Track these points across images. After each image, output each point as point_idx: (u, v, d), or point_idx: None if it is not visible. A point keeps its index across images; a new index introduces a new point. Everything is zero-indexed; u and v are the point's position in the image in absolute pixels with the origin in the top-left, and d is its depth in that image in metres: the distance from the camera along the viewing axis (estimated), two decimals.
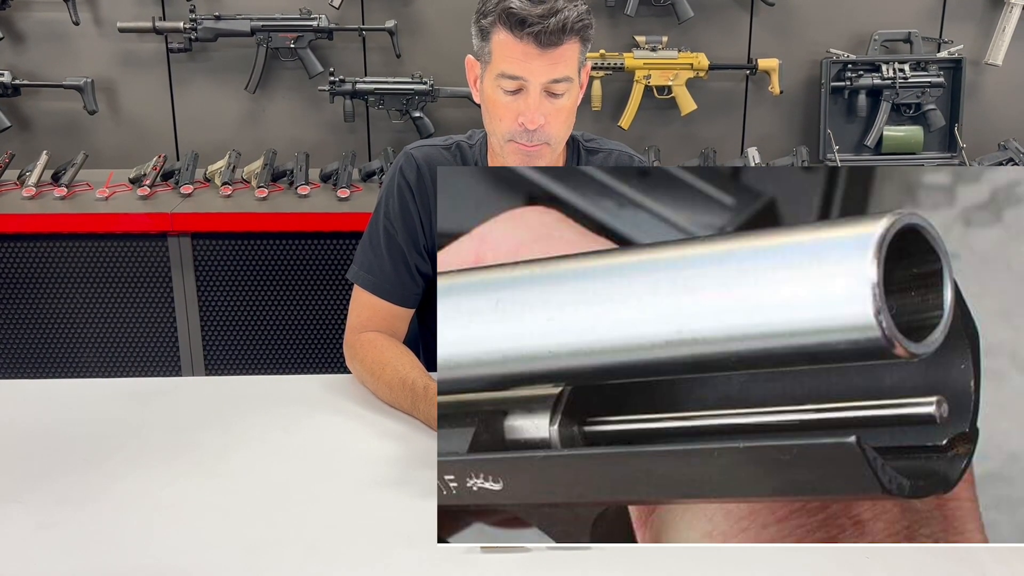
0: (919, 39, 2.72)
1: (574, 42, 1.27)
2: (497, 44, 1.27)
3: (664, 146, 2.73)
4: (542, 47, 1.25)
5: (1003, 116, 2.80)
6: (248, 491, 1.11)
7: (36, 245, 2.40)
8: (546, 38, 1.24)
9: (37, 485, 1.12)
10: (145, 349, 2.48)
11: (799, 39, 2.75)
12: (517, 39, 1.25)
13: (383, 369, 1.33)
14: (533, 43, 1.24)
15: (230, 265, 2.43)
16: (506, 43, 1.26)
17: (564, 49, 1.26)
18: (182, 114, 2.76)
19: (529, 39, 1.24)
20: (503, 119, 1.30)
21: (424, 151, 1.44)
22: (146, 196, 2.45)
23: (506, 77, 1.27)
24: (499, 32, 1.27)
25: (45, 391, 1.40)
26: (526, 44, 1.25)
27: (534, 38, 1.24)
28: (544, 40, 1.24)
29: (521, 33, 1.24)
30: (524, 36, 1.24)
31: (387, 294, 1.43)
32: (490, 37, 1.28)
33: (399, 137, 2.74)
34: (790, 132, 2.81)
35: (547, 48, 1.25)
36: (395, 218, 1.42)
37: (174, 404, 1.35)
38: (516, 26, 1.24)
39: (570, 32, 1.25)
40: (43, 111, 2.73)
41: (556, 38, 1.24)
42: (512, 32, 1.25)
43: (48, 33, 2.68)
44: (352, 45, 2.72)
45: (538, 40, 1.24)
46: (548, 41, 1.24)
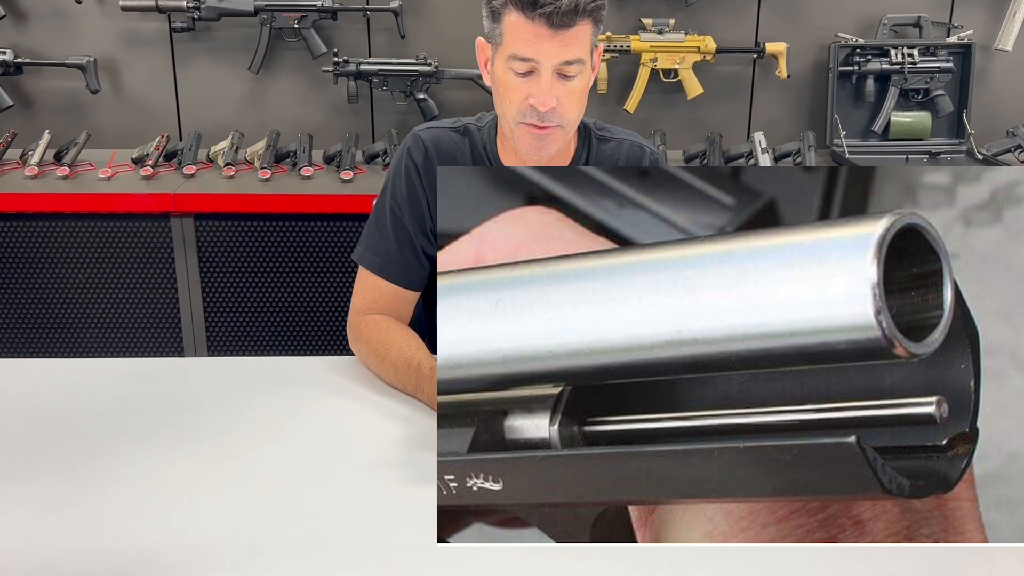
0: (928, 24, 2.70)
1: (586, 23, 1.26)
2: (508, 25, 1.27)
3: (670, 130, 2.72)
4: (554, 28, 1.24)
5: (1012, 102, 2.78)
6: (250, 471, 1.12)
7: (38, 225, 2.40)
8: (558, 19, 1.23)
9: (39, 464, 1.12)
10: (148, 330, 2.49)
11: (807, 23, 2.73)
12: (529, 20, 1.24)
13: (388, 349, 1.33)
14: (545, 24, 1.24)
15: (233, 246, 2.43)
16: (518, 24, 1.25)
17: (576, 30, 1.25)
18: (185, 94, 2.75)
19: (541, 20, 1.23)
20: (513, 101, 1.30)
21: (432, 133, 1.43)
22: (149, 176, 2.45)
23: (517, 59, 1.27)
24: (511, 13, 1.26)
25: (47, 371, 1.40)
26: (538, 25, 1.24)
27: (546, 19, 1.23)
28: (556, 21, 1.23)
29: (533, 14, 1.23)
30: (536, 17, 1.23)
31: (393, 276, 1.43)
32: (501, 18, 1.28)
33: (403, 119, 2.73)
34: (797, 117, 2.80)
35: (559, 29, 1.24)
36: (402, 200, 1.42)
37: (177, 384, 1.35)
38: (528, 7, 1.24)
39: (582, 13, 1.24)
40: (45, 90, 2.73)
41: (568, 19, 1.23)
42: (524, 13, 1.24)
43: (50, 11, 2.67)
44: (356, 25, 2.70)
45: (550, 21, 1.23)
46: (560, 22, 1.23)
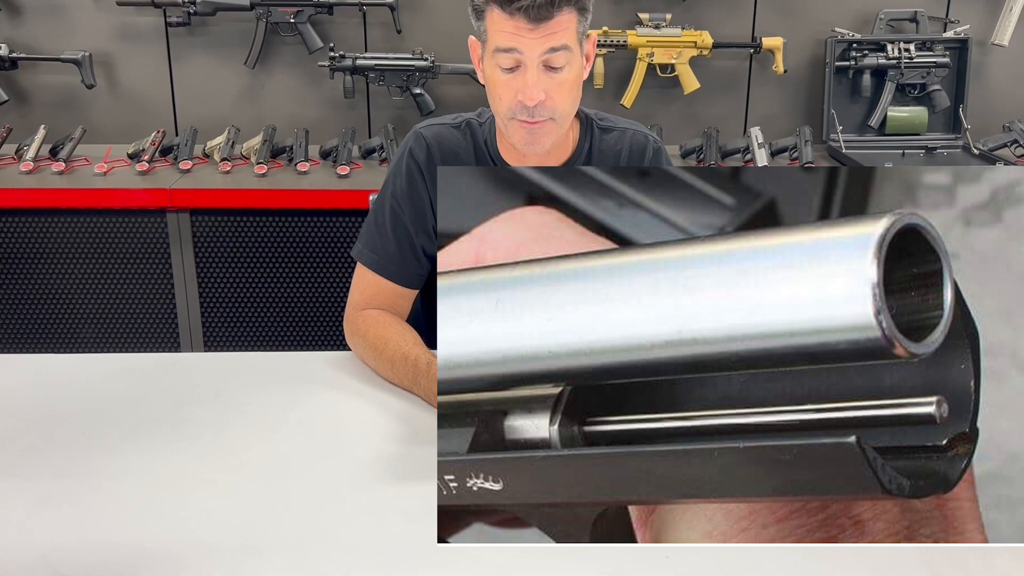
0: (925, 19, 2.69)
1: (568, 12, 1.26)
2: (491, 22, 1.28)
3: (667, 125, 2.72)
4: (533, 22, 1.24)
5: (1008, 97, 2.79)
6: (246, 466, 1.12)
7: (34, 220, 2.39)
8: (535, 12, 1.23)
9: (35, 460, 1.12)
10: (143, 325, 2.48)
11: (804, 18, 2.72)
12: (508, 16, 1.25)
13: (385, 344, 1.33)
14: (524, 18, 1.24)
15: (229, 241, 2.42)
16: (499, 20, 1.26)
17: (557, 20, 1.25)
18: (181, 89, 2.74)
19: (520, 14, 1.24)
20: (502, 97, 1.30)
21: (434, 130, 1.43)
22: (145, 171, 2.44)
23: (502, 51, 1.27)
24: (492, 10, 1.27)
25: (44, 366, 1.40)
26: (518, 20, 1.25)
27: (524, 13, 1.24)
28: (534, 14, 1.24)
29: (511, 9, 1.24)
30: (515, 12, 1.24)
31: (391, 274, 1.42)
32: (484, 16, 1.29)
33: (399, 114, 2.72)
34: (793, 112, 2.80)
35: (539, 22, 1.24)
36: (402, 198, 1.42)
37: (173, 380, 1.35)
38: (505, 2, 1.24)
39: (561, 3, 1.24)
40: (41, 85, 2.71)
41: (546, 11, 1.24)
42: (503, 9, 1.25)
43: (46, 6, 2.66)
44: (352, 20, 2.69)
45: (528, 14, 1.24)
46: (538, 15, 1.24)
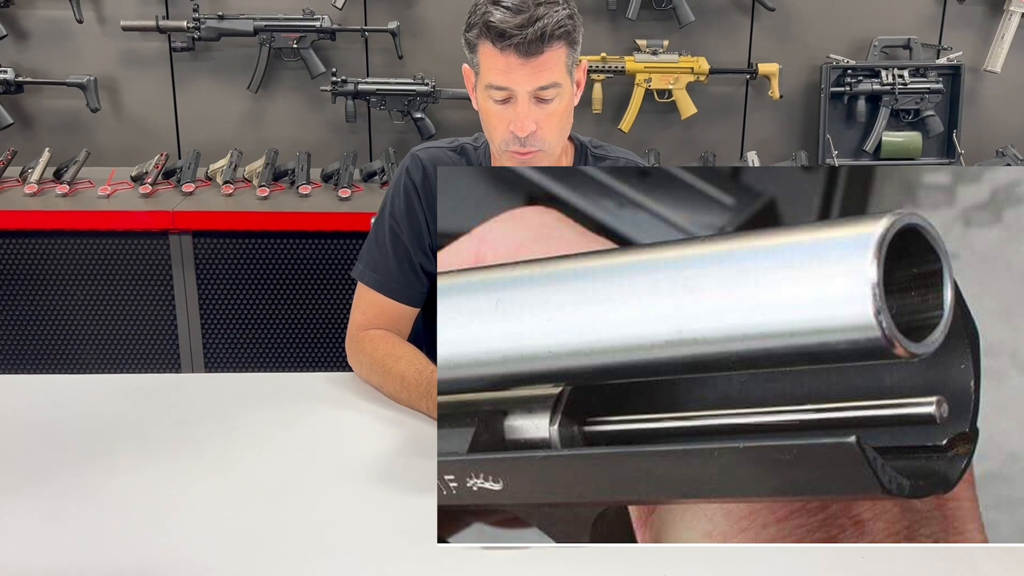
0: (919, 45, 2.72)
1: (558, 47, 1.27)
2: (483, 56, 1.29)
3: (664, 149, 2.74)
4: (524, 57, 1.25)
5: (1001, 123, 2.81)
6: (249, 486, 1.12)
7: (38, 242, 2.41)
8: (526, 48, 1.25)
9: (39, 479, 1.12)
10: (145, 347, 2.48)
11: (799, 44, 2.75)
12: (499, 51, 1.26)
13: (396, 361, 1.34)
14: (515, 54, 1.25)
15: (231, 264, 2.43)
16: (490, 55, 1.28)
17: (547, 56, 1.26)
18: (184, 113, 2.76)
19: (510, 51, 1.25)
20: (496, 128, 1.32)
21: (430, 152, 1.45)
22: (148, 194, 2.46)
23: (494, 88, 1.29)
24: (484, 45, 1.28)
25: (47, 387, 1.40)
26: (508, 56, 1.26)
27: (515, 49, 1.25)
28: (524, 50, 1.25)
29: (502, 45, 1.25)
30: (506, 48, 1.25)
31: (393, 292, 1.44)
32: (476, 49, 1.30)
33: (400, 138, 2.74)
34: (789, 136, 2.82)
35: (529, 57, 1.25)
36: (401, 218, 1.43)
37: (175, 400, 1.35)
38: (496, 39, 1.26)
39: (551, 39, 1.25)
40: (46, 108, 2.74)
41: (536, 47, 1.25)
42: (494, 44, 1.26)
43: (51, 31, 2.69)
44: (354, 46, 2.72)
45: (519, 51, 1.25)
46: (529, 51, 1.25)
